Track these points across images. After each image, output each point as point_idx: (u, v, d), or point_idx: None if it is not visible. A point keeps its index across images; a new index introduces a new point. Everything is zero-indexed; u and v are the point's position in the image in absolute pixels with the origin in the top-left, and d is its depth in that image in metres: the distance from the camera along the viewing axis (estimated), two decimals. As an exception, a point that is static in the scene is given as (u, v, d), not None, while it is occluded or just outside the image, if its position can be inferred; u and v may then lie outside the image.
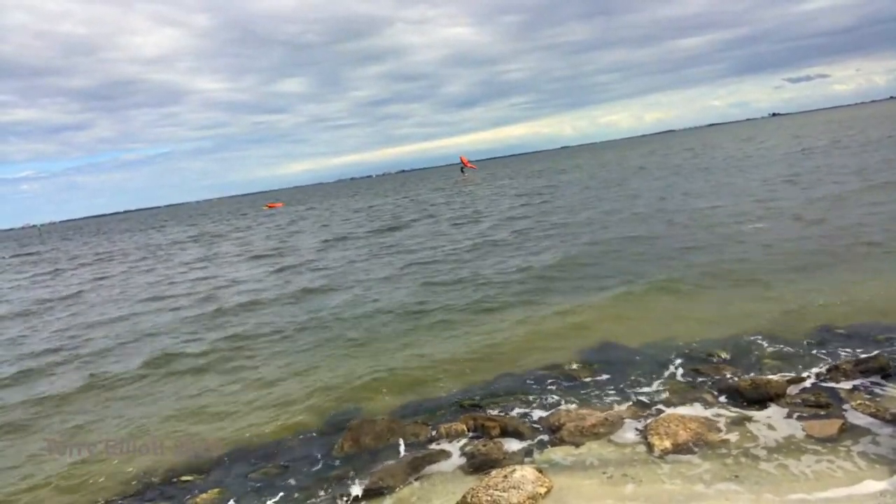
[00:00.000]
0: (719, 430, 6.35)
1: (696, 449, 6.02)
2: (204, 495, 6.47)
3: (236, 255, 28.53)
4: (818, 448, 5.78)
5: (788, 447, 5.88)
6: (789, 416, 6.46)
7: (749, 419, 6.52)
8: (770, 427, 6.30)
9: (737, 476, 5.49)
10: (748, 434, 6.22)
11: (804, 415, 6.42)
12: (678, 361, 8.34)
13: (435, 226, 29.64)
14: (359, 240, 27.91)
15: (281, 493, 6.33)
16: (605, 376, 8.21)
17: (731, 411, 6.75)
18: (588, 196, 34.30)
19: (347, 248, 25.15)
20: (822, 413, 6.38)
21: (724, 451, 5.97)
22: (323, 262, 21.86)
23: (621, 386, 7.84)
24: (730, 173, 34.24)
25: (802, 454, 5.72)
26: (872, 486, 5.06)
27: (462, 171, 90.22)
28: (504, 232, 23.58)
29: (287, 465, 6.92)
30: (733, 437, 6.20)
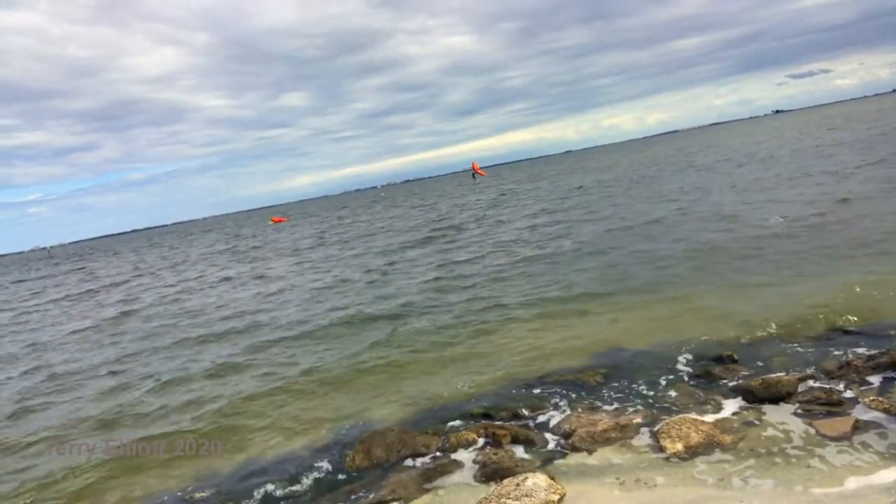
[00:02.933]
0: (732, 431, 6.32)
1: (708, 450, 6.00)
2: (216, 512, 6.49)
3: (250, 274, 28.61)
4: (831, 446, 5.74)
5: (802, 446, 5.85)
6: (801, 414, 6.42)
7: (761, 419, 6.48)
8: (783, 426, 6.27)
9: (750, 477, 5.46)
10: (761, 434, 6.19)
11: (816, 413, 6.38)
12: (688, 363, 8.31)
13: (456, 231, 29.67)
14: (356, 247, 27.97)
15: (294, 508, 6.34)
16: (615, 380, 8.19)
17: (742, 412, 6.72)
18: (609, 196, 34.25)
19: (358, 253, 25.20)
20: (835, 411, 6.34)
21: (736, 451, 5.94)
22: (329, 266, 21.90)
23: (632, 390, 7.82)
24: (748, 170, 34.01)
25: (816, 453, 5.68)
26: (887, 480, 5.02)
27: (473, 177, 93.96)
28: (513, 234, 23.57)
29: (299, 478, 6.93)
30: (746, 437, 6.17)
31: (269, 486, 6.85)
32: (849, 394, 6.66)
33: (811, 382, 7.10)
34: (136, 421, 9.73)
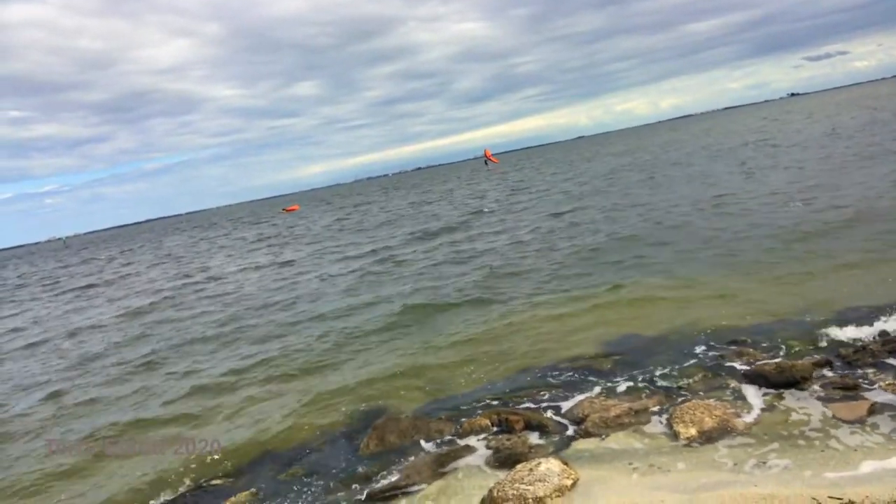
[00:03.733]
0: (745, 416, 6.30)
1: (722, 435, 5.98)
2: (234, 498, 6.56)
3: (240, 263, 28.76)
4: (847, 430, 5.71)
5: (817, 430, 5.82)
6: (816, 398, 6.39)
7: (775, 404, 6.45)
8: (797, 411, 6.23)
9: (765, 462, 5.44)
10: (775, 419, 6.16)
11: (832, 397, 6.34)
12: (701, 348, 8.27)
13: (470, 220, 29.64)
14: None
15: (310, 494, 6.41)
16: (627, 366, 8.17)
17: (756, 396, 6.69)
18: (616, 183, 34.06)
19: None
20: (850, 395, 6.30)
21: (750, 436, 5.92)
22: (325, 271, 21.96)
23: (644, 375, 7.79)
24: (768, 155, 33.60)
25: (831, 436, 5.65)
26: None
27: (486, 164, 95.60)
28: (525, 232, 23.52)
29: (315, 465, 7.00)
30: (760, 422, 6.15)
31: (286, 474, 6.92)
32: (864, 378, 6.61)
33: (826, 367, 7.04)
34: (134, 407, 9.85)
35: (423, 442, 7.00)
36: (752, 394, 6.76)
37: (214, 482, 7.04)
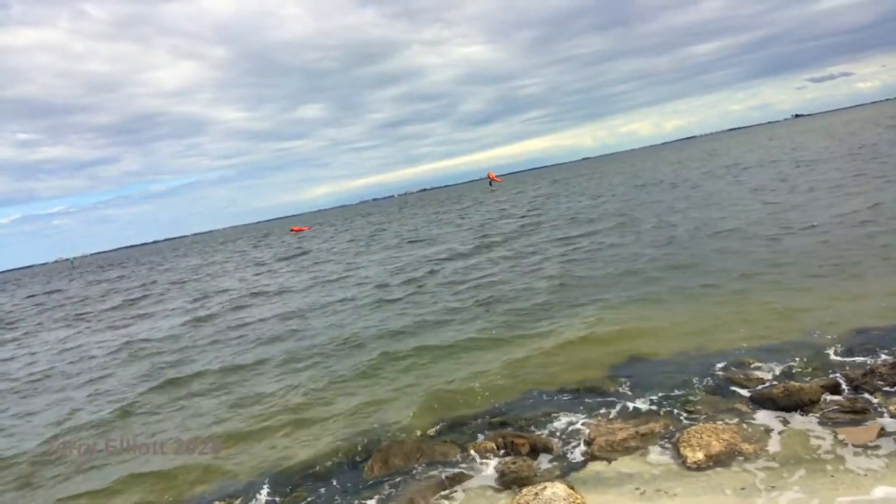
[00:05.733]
0: (753, 440, 6.24)
1: (730, 459, 5.92)
2: (236, 521, 6.52)
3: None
4: (855, 454, 5.65)
5: (825, 454, 5.76)
6: (825, 422, 6.32)
7: (783, 427, 6.40)
8: (805, 434, 6.18)
9: (773, 486, 5.39)
10: (783, 443, 6.10)
11: (840, 421, 6.27)
12: (707, 371, 8.20)
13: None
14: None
15: (313, 518, 6.36)
16: (634, 389, 8.11)
17: (764, 420, 6.63)
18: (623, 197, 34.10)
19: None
20: (859, 419, 6.23)
21: (758, 460, 5.86)
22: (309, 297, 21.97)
23: (651, 398, 7.73)
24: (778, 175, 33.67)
25: (839, 461, 5.59)
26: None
27: (490, 185, 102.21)
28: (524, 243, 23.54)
29: (317, 489, 6.94)
30: (768, 446, 6.09)
31: (288, 498, 6.87)
32: (873, 401, 6.55)
33: (834, 390, 6.97)
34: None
35: (427, 465, 6.95)
36: (760, 417, 6.70)
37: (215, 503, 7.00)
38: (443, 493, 6.29)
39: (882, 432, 5.88)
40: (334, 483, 7.00)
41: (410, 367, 10.69)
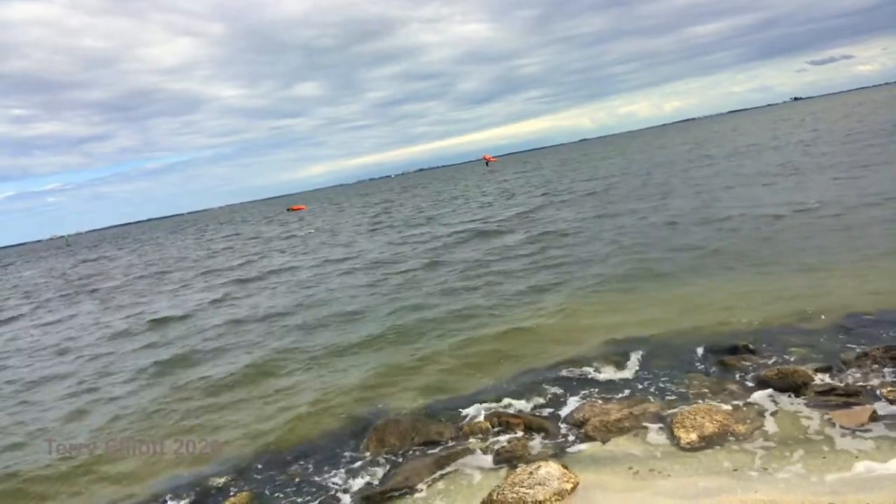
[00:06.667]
0: (747, 421, 6.27)
1: (723, 440, 5.97)
2: (233, 498, 6.55)
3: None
4: (848, 436, 5.69)
5: (818, 436, 5.80)
6: (818, 405, 6.35)
7: (777, 409, 6.43)
8: (798, 416, 6.22)
9: (766, 468, 5.43)
10: (776, 424, 6.14)
11: (833, 403, 6.30)
12: (702, 353, 8.25)
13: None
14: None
15: (309, 495, 6.40)
16: (628, 370, 8.15)
17: (758, 402, 6.66)
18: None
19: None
20: (852, 401, 6.25)
21: (751, 442, 5.90)
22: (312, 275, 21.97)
23: (646, 379, 7.78)
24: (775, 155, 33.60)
25: (832, 443, 5.63)
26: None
27: (487, 165, 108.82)
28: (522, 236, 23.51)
29: (314, 466, 6.99)
30: (761, 427, 6.13)
31: (286, 474, 6.91)
32: (866, 384, 6.58)
33: (828, 373, 7.01)
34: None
35: (423, 444, 6.99)
36: (754, 399, 6.73)
37: (213, 482, 7.03)
38: (438, 471, 6.32)
39: (873, 415, 5.91)
40: (330, 460, 7.04)
41: (405, 347, 10.71)
